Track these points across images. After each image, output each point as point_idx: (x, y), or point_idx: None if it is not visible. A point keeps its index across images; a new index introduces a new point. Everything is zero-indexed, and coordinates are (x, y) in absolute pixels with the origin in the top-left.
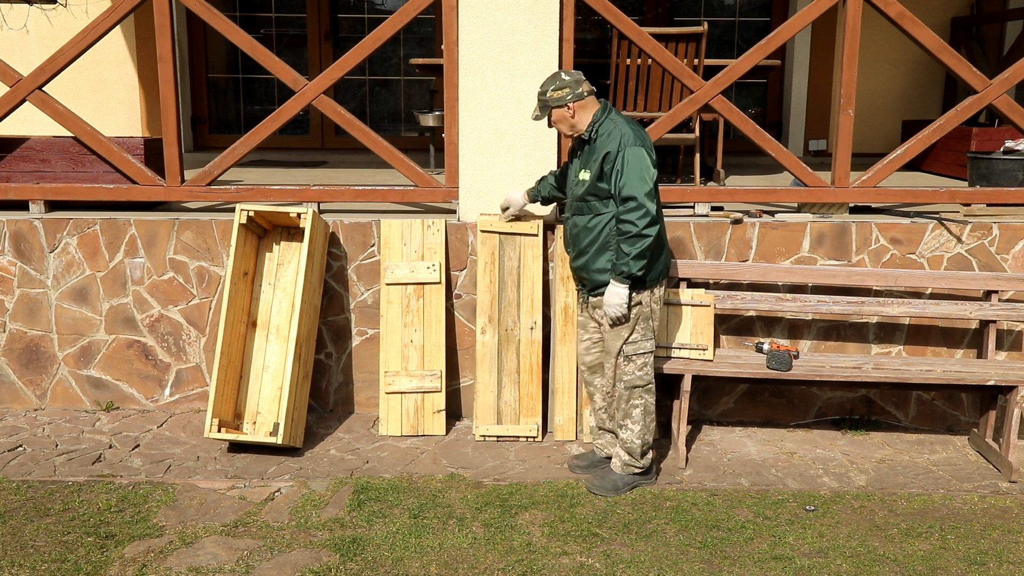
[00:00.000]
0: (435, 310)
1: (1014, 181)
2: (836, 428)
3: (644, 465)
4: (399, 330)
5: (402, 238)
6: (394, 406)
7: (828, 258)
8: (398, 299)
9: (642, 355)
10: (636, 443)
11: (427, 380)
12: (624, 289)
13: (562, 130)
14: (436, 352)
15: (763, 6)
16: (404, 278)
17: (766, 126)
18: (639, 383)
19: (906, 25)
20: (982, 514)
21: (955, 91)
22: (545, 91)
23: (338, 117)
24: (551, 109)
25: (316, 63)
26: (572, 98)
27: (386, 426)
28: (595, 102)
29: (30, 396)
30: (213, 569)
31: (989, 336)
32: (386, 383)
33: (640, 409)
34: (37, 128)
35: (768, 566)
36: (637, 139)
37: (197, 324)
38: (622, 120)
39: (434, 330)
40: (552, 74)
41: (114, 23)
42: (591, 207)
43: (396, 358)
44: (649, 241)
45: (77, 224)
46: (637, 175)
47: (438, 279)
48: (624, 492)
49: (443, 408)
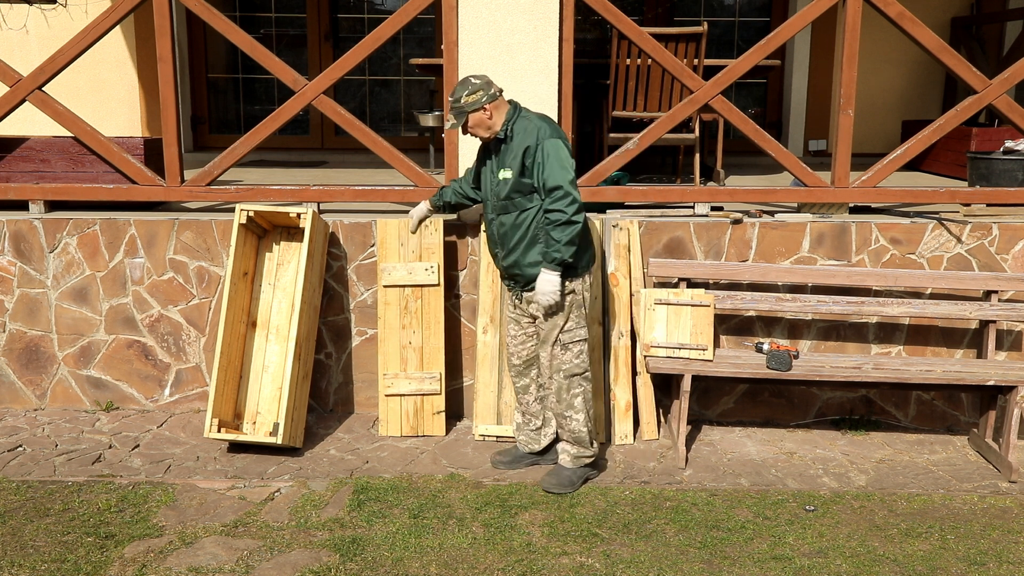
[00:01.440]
0: (434, 312)
1: (1014, 181)
2: (836, 428)
3: (594, 453)
4: (397, 332)
5: (399, 238)
6: (393, 408)
7: (828, 258)
8: (396, 301)
9: (577, 343)
10: (583, 431)
11: (426, 382)
12: (556, 276)
13: (479, 134)
14: (435, 354)
15: (763, 6)
16: (402, 280)
17: (766, 126)
18: (577, 371)
19: (906, 25)
20: (982, 514)
21: (955, 91)
22: (459, 98)
23: (338, 117)
24: (467, 115)
25: (316, 63)
26: (487, 99)
27: (386, 427)
28: (505, 102)
29: (30, 396)
30: (213, 569)
31: (989, 336)
32: (385, 385)
33: (580, 398)
34: (37, 128)
35: (768, 566)
36: (553, 131)
37: (197, 324)
38: (534, 115)
39: (433, 332)
40: (461, 80)
41: (114, 23)
42: (516, 204)
43: (395, 360)
44: (578, 228)
45: (77, 224)
46: (559, 165)
47: (436, 281)
48: (578, 486)
49: (443, 410)
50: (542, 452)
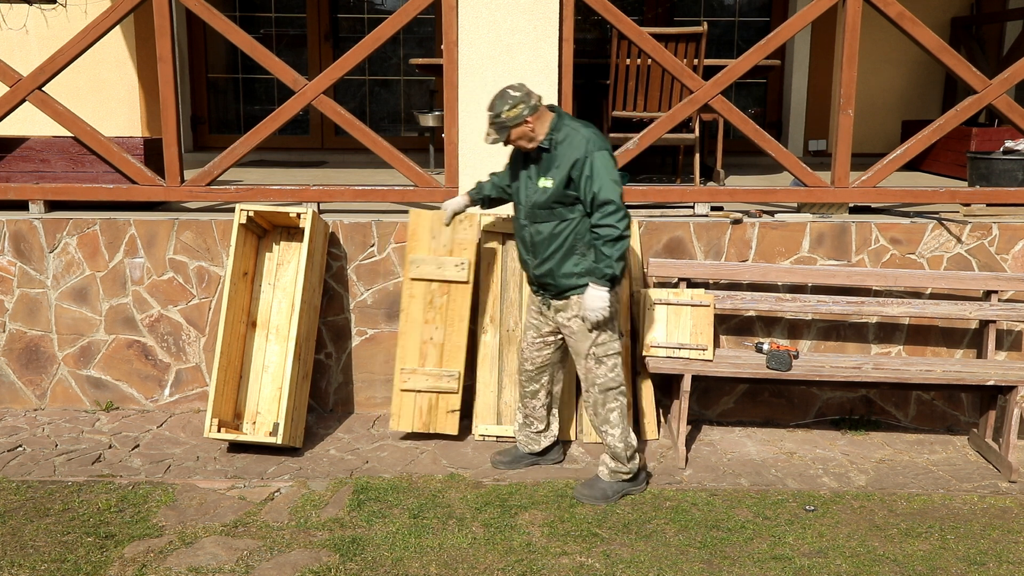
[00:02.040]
0: (459, 310)
1: (1014, 181)
2: (836, 428)
3: (632, 470)
4: (419, 327)
5: (431, 231)
6: (407, 403)
7: (828, 258)
8: (421, 295)
9: (611, 356)
10: (620, 446)
11: (444, 380)
12: (606, 292)
13: (522, 145)
14: (456, 353)
15: (763, 6)
16: (430, 274)
17: (766, 126)
18: (612, 385)
19: (906, 25)
20: (982, 514)
21: (955, 91)
22: (499, 113)
23: (338, 117)
24: (510, 129)
25: (316, 63)
26: (528, 112)
27: (397, 421)
28: (547, 110)
29: (30, 396)
30: (213, 569)
31: (989, 336)
32: (401, 380)
33: (616, 412)
34: (37, 128)
35: (768, 566)
36: (602, 143)
37: (197, 324)
38: (579, 124)
39: (456, 330)
40: (498, 94)
41: (114, 23)
42: (556, 214)
43: (414, 355)
44: (628, 242)
45: (77, 224)
46: (609, 178)
47: (466, 278)
48: (614, 500)
49: (457, 409)
50: (542, 453)
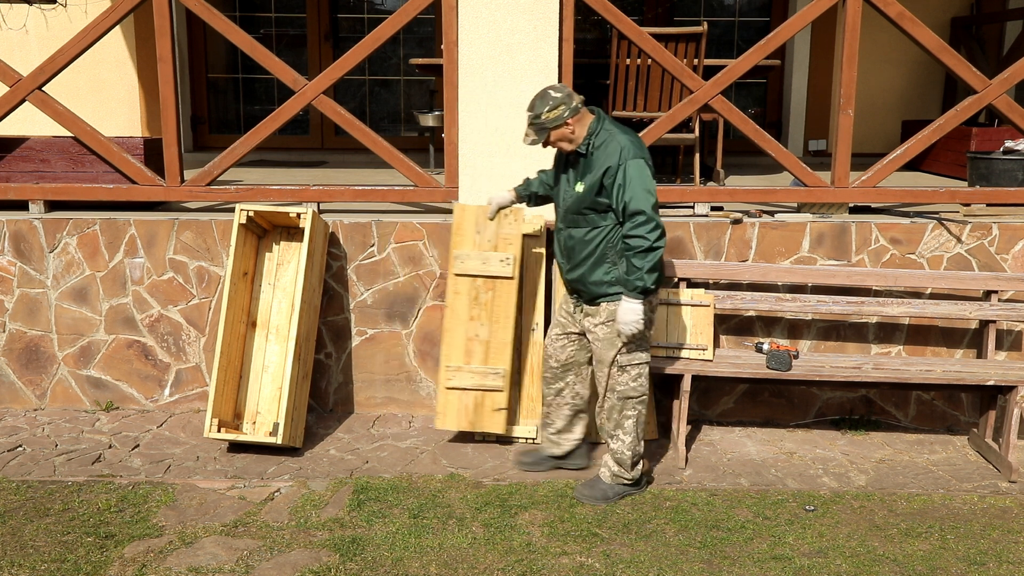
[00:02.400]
0: (505, 306)
1: (1014, 181)
2: (836, 428)
3: (634, 477)
4: (464, 323)
5: (476, 225)
6: (452, 401)
7: (828, 258)
8: (466, 291)
9: (636, 365)
10: (627, 454)
11: (489, 378)
12: (639, 305)
13: (562, 147)
14: (502, 349)
15: (763, 6)
16: (475, 270)
17: (766, 126)
18: (633, 395)
19: (906, 25)
20: (982, 514)
21: (955, 91)
22: (539, 114)
23: (338, 117)
24: (549, 131)
25: (316, 63)
26: (569, 114)
27: (443, 420)
28: (588, 112)
29: (30, 396)
30: (213, 569)
31: (989, 336)
32: (446, 377)
33: (632, 420)
34: (37, 128)
35: (768, 566)
36: (637, 151)
37: (197, 324)
38: (616, 129)
39: (502, 327)
40: (539, 94)
41: (114, 23)
42: (588, 220)
43: (459, 353)
44: (660, 254)
45: (77, 224)
46: (642, 188)
47: (511, 274)
48: (613, 502)
49: (504, 407)
50: (563, 456)
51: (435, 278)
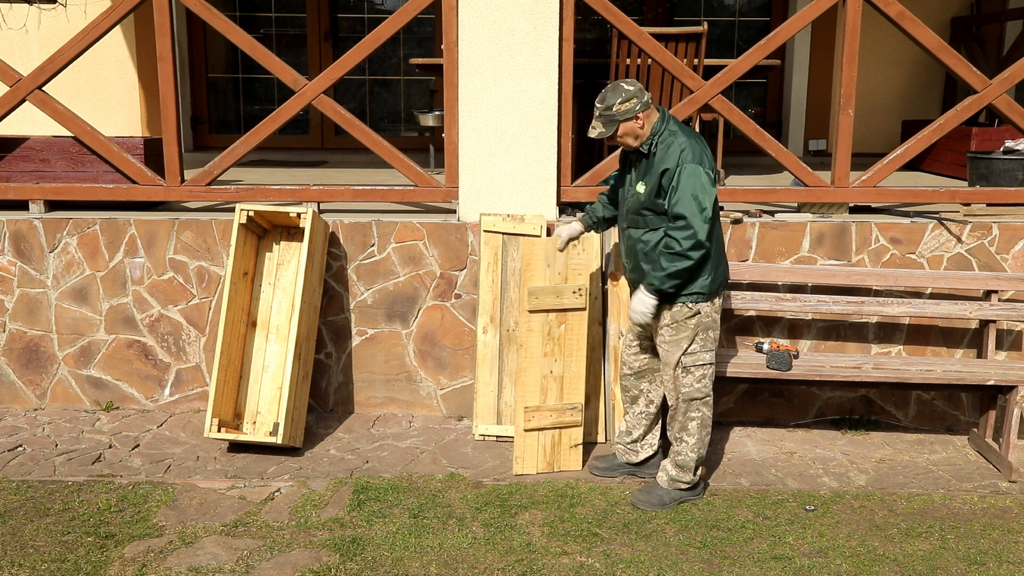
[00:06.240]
0: (577, 339)
1: (1014, 181)
2: (836, 428)
3: (692, 481)
4: (539, 361)
5: (546, 259)
6: (531, 444)
7: (828, 258)
8: (539, 328)
9: (700, 367)
10: (691, 456)
11: (567, 414)
12: (652, 300)
13: (627, 143)
14: (576, 383)
15: (763, 6)
16: (549, 304)
17: (766, 126)
18: (697, 395)
19: (906, 25)
20: (982, 514)
21: (955, 91)
22: (611, 105)
23: (338, 117)
24: (619, 123)
25: (316, 63)
26: (641, 107)
27: (521, 464)
28: (656, 110)
29: (30, 396)
30: (213, 569)
31: (989, 336)
32: (526, 420)
33: (697, 422)
34: (37, 128)
35: (768, 566)
36: (696, 155)
37: (197, 324)
38: (681, 131)
39: (575, 359)
40: (610, 86)
41: (114, 23)
42: (647, 221)
43: (535, 392)
44: (688, 264)
45: (77, 224)
46: (690, 194)
47: (583, 305)
48: (670, 508)
49: (580, 442)
50: (640, 463)
51: (435, 278)
